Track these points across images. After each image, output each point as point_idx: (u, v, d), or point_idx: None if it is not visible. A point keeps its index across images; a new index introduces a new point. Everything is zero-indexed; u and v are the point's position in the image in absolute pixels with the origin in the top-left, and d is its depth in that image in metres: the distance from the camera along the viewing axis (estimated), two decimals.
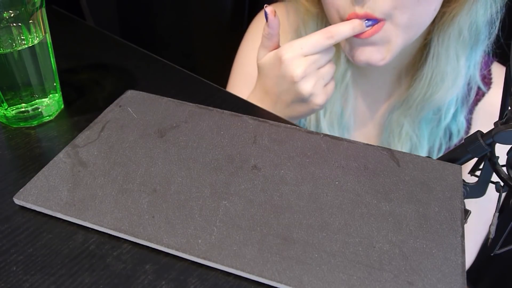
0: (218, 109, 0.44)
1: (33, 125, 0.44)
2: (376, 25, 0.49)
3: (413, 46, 0.58)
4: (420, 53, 0.58)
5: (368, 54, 0.52)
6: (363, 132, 0.67)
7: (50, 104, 0.44)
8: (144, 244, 0.33)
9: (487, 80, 0.61)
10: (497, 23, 0.55)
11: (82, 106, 0.47)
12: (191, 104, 0.44)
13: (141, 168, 0.37)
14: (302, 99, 0.50)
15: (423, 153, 0.62)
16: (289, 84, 0.49)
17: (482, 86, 0.60)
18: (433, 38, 0.55)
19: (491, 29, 0.55)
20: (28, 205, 0.35)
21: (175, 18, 0.85)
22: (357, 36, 0.49)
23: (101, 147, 0.39)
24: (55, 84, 0.45)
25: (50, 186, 0.36)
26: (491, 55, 0.60)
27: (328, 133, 0.61)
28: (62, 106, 0.46)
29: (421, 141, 0.62)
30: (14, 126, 0.43)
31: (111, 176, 0.37)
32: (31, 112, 0.43)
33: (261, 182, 0.36)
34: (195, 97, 0.48)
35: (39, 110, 0.44)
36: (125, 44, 0.57)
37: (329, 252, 0.32)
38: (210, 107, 0.44)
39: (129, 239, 0.33)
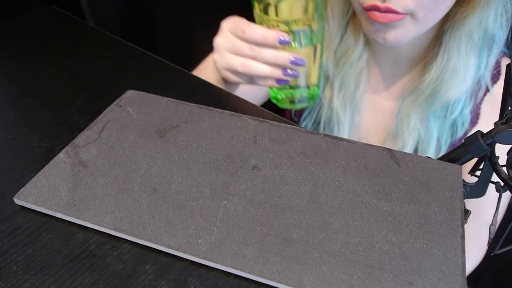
0: (218, 109, 0.44)
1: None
2: (397, 15, 0.52)
3: (426, 37, 0.60)
4: (432, 45, 0.60)
5: (386, 36, 0.55)
6: (373, 118, 0.68)
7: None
8: (144, 244, 0.33)
9: (495, 72, 0.63)
10: (508, 29, 0.57)
11: (82, 106, 0.47)
12: (191, 104, 0.44)
13: (141, 168, 0.37)
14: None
15: (432, 146, 0.63)
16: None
17: (490, 87, 0.62)
18: (445, 34, 0.58)
19: (503, 35, 0.58)
20: (28, 205, 0.35)
21: (175, 18, 0.85)
22: (375, 18, 0.53)
23: (101, 147, 0.39)
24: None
25: (50, 186, 0.36)
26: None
27: (338, 112, 0.65)
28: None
29: (428, 135, 0.63)
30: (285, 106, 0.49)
31: (111, 176, 0.37)
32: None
33: (261, 182, 0.36)
34: (195, 97, 0.48)
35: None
36: (125, 44, 0.57)
37: (329, 252, 0.32)
38: (210, 107, 0.44)
39: (129, 239, 0.33)
